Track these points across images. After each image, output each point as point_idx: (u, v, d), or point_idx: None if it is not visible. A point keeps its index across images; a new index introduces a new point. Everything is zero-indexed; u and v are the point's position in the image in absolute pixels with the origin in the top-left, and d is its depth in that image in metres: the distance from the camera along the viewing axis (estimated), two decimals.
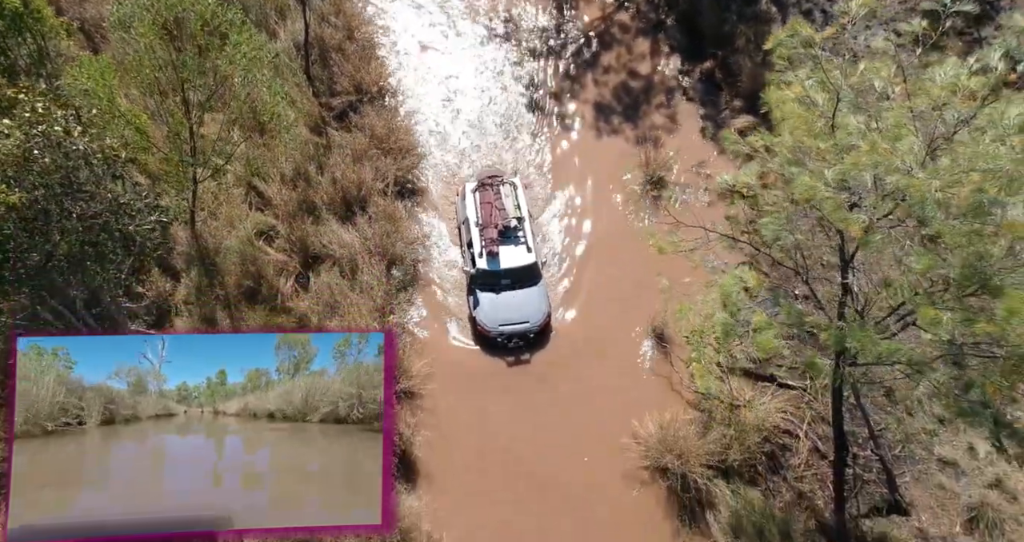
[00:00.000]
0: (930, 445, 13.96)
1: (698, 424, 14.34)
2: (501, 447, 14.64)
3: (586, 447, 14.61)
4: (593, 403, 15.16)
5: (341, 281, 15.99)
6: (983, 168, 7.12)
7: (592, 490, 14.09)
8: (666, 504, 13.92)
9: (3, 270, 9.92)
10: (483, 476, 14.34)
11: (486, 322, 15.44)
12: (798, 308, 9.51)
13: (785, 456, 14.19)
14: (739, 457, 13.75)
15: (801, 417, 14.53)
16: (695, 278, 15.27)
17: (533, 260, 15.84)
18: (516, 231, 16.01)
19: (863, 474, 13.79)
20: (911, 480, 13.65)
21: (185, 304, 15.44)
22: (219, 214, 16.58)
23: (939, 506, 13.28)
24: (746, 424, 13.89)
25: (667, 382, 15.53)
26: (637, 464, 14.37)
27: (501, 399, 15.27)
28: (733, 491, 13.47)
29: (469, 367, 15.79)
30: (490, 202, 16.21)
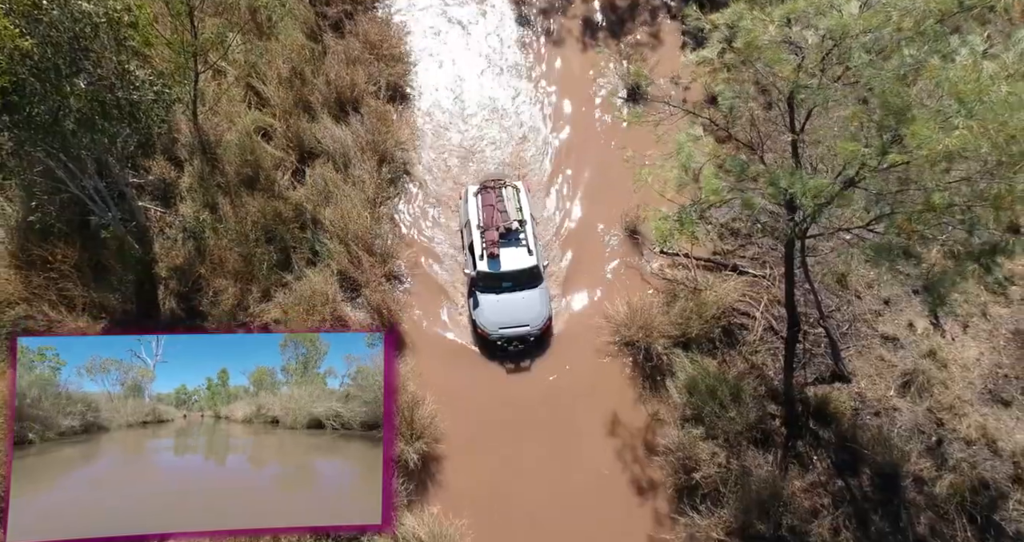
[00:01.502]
0: (874, 324, 15.25)
1: (663, 303, 15.59)
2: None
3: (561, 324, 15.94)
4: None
5: (335, 174, 17.01)
6: (902, 6, 8.06)
7: (563, 357, 15.47)
8: (631, 374, 15.26)
9: (21, 111, 10.81)
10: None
11: (485, 324, 15.29)
12: (741, 158, 10.56)
13: (741, 334, 15.48)
14: (698, 330, 15.03)
15: (758, 300, 15.79)
16: (656, 150, 16.34)
17: (534, 263, 15.69)
18: (517, 233, 15.88)
19: (812, 349, 15.09)
20: (854, 353, 14.95)
21: (188, 191, 16.47)
22: (219, 111, 17.50)
23: (877, 374, 14.61)
24: (707, 301, 15.14)
25: (638, 273, 16.76)
26: (607, 340, 15.68)
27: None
28: (691, 360, 14.75)
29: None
30: (492, 204, 16.08)
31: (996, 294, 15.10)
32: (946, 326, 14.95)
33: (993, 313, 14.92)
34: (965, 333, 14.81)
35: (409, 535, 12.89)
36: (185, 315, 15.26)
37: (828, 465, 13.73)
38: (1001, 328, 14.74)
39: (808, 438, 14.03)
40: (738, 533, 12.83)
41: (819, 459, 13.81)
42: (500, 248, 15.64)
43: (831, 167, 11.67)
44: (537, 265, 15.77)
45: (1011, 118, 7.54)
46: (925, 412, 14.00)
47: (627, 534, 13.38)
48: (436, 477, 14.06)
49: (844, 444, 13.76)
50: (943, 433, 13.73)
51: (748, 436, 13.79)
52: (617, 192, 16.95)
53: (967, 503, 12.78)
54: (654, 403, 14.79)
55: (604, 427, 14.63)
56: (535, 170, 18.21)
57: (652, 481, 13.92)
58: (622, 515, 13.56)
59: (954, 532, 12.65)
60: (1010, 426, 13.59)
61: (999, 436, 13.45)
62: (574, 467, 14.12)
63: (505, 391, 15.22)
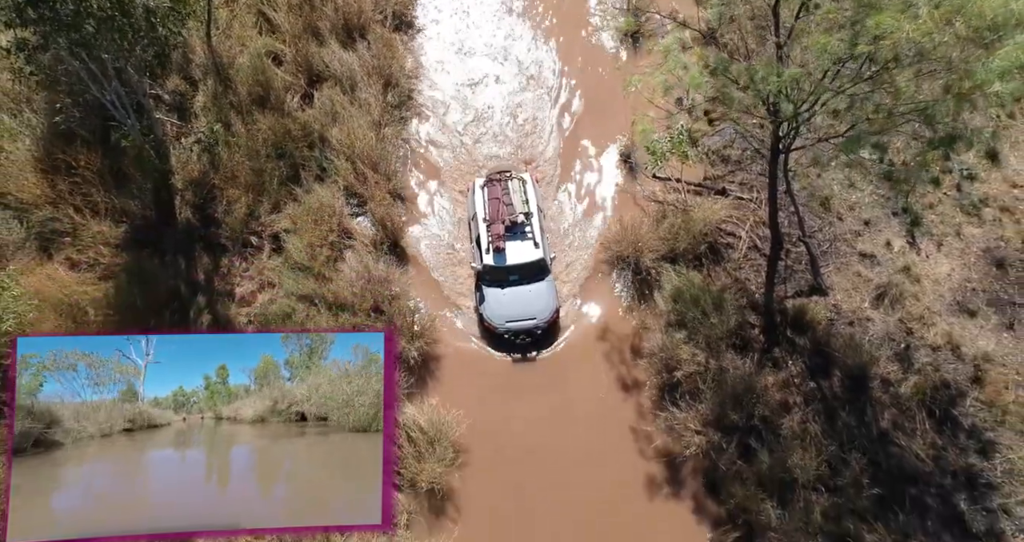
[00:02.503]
0: (853, 243, 16.02)
1: (653, 221, 16.40)
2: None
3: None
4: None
5: (342, 97, 17.71)
6: None
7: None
8: (621, 286, 16.16)
9: (46, 4, 11.51)
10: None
11: (492, 318, 15.17)
12: (724, 56, 11.22)
13: (727, 253, 16.29)
14: (686, 245, 15.86)
15: (744, 221, 16.57)
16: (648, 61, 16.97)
17: (540, 256, 15.50)
18: (523, 226, 15.68)
19: (793, 266, 15.89)
20: (833, 269, 15.76)
21: (203, 109, 17.23)
22: (232, 34, 18.15)
23: (853, 288, 15.43)
24: (695, 218, 15.94)
25: (630, 197, 17.52)
26: (599, 258, 16.54)
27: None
28: (678, 272, 15.61)
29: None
30: (498, 198, 15.90)
31: (970, 215, 15.82)
32: (921, 245, 15.71)
33: (966, 233, 15.66)
34: (939, 251, 15.58)
35: (410, 422, 13.99)
36: (200, 223, 16.19)
37: (802, 368, 14.66)
38: (973, 247, 15.50)
39: (784, 345, 14.93)
40: (713, 424, 13.81)
41: (793, 363, 14.73)
42: (506, 241, 15.45)
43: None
44: (544, 258, 15.55)
45: (968, 3, 8.17)
46: (896, 322, 14.85)
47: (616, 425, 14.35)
48: (435, 373, 15.10)
49: (818, 349, 14.66)
50: (911, 340, 14.60)
51: (727, 341, 14.69)
52: (613, 117, 17.67)
53: (928, 400, 13.70)
54: (642, 313, 15.70)
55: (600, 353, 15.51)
56: (537, 101, 18.77)
57: (636, 380, 14.89)
58: (616, 438, 14.28)
59: (914, 425, 13.59)
60: (974, 334, 14.44)
61: (963, 342, 14.31)
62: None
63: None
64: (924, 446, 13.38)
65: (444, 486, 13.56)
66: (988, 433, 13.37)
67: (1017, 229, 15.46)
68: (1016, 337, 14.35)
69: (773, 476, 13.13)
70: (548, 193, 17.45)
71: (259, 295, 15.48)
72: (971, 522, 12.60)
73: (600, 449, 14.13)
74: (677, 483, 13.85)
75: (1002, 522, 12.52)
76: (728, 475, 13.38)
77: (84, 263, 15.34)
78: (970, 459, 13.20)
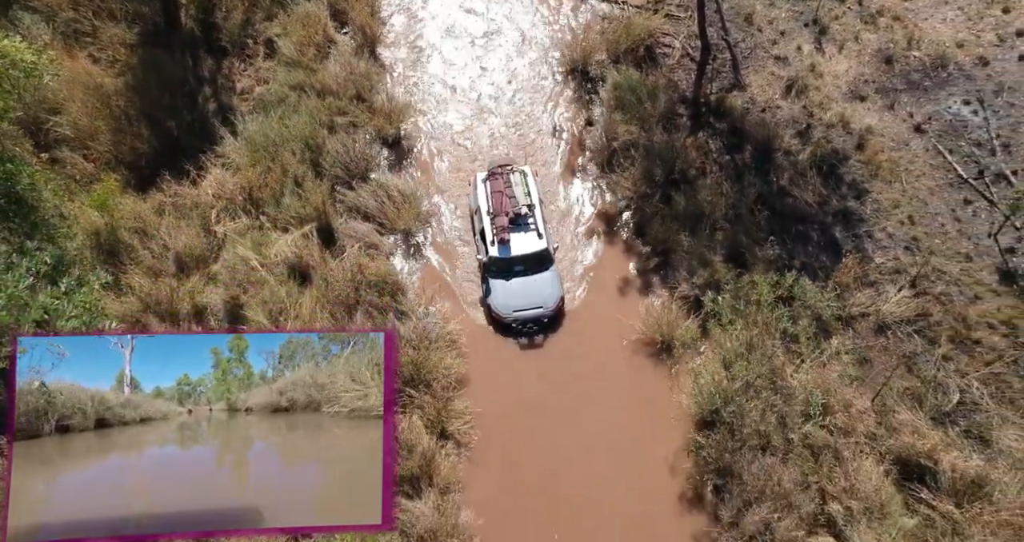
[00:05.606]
0: (770, 49, 18.64)
1: (599, 32, 18.92)
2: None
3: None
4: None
5: None
6: None
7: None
8: (572, 96, 18.79)
9: None
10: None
11: (500, 308, 15.62)
12: None
13: (663, 61, 18.90)
14: (627, 46, 18.43)
15: (679, 34, 19.14)
16: None
17: (544, 246, 15.91)
18: (527, 218, 16.11)
19: (719, 69, 18.53)
20: (751, 71, 18.42)
21: None
22: None
23: (767, 84, 18.12)
24: (635, 24, 18.48)
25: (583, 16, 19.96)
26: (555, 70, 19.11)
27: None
28: (619, 70, 18.21)
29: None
30: (500, 191, 16.30)
31: (867, 23, 18.45)
32: (826, 49, 18.36)
33: (863, 38, 18.30)
34: (840, 53, 18.24)
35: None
36: (201, 30, 18.48)
37: (720, 146, 17.46)
38: (868, 48, 18.16)
39: (707, 129, 17.70)
40: (642, 181, 16.67)
41: (713, 143, 17.52)
42: (510, 233, 15.88)
43: None
44: (547, 248, 15.95)
45: None
46: (800, 108, 17.59)
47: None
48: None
49: (734, 129, 17.45)
50: (811, 121, 17.39)
51: (659, 122, 17.42)
52: None
53: (818, 162, 16.58)
54: (590, 110, 18.37)
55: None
56: None
57: (583, 166, 17.72)
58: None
59: (807, 181, 16.49)
60: (862, 114, 17.22)
61: (852, 120, 17.09)
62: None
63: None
64: (813, 196, 16.32)
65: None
66: (863, 184, 16.32)
67: (905, 33, 18.11)
68: (895, 115, 17.16)
69: (687, 214, 16.08)
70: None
71: (257, 88, 17.94)
72: (843, 244, 15.66)
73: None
74: (612, 234, 16.81)
75: (866, 243, 15.57)
76: (652, 217, 16.32)
77: (104, 60, 17.64)
78: (848, 204, 16.16)
